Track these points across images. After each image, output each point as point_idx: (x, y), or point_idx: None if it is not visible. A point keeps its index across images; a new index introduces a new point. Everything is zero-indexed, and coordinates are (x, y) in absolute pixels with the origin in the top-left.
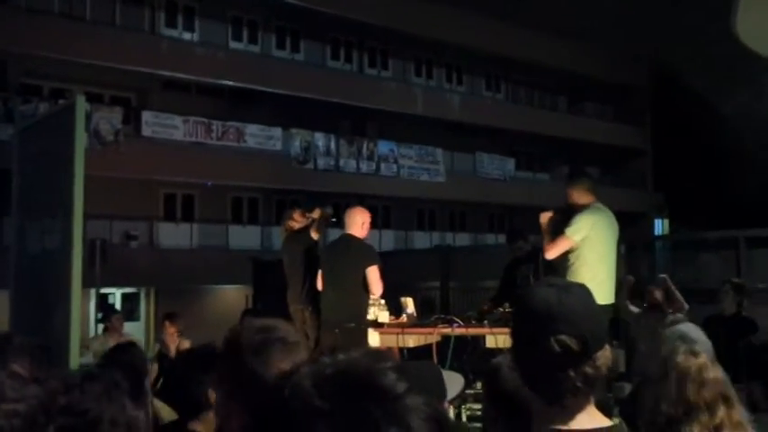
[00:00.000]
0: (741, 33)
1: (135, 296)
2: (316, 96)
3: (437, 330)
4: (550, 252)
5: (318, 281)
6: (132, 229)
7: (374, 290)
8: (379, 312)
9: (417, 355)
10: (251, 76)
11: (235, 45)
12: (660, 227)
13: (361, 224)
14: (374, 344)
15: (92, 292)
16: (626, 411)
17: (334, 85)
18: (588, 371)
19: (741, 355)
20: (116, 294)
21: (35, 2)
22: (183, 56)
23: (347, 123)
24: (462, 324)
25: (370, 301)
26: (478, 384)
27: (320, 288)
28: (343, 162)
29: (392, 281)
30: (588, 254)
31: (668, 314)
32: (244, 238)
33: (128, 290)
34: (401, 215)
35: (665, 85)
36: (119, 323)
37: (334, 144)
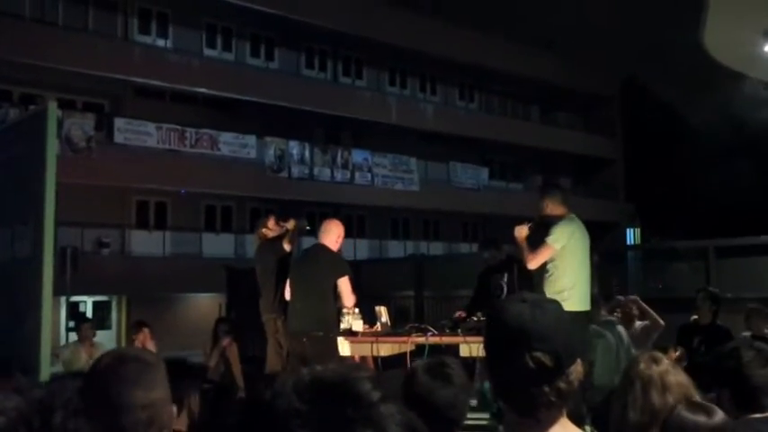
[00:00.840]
0: (708, 45)
1: (106, 304)
2: (290, 105)
3: (411, 339)
4: (533, 261)
5: (286, 290)
6: (104, 237)
7: (346, 301)
8: (353, 321)
9: (391, 364)
10: (225, 83)
11: (209, 52)
12: (632, 236)
13: (336, 237)
14: (344, 353)
15: (62, 299)
16: (598, 421)
17: (309, 93)
18: (561, 386)
19: (710, 363)
20: (87, 302)
21: (5, 6)
22: (157, 62)
23: (321, 132)
24: (436, 333)
25: (345, 310)
26: None
27: (288, 297)
28: (317, 170)
29: (367, 290)
30: (568, 262)
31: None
32: (217, 246)
33: (99, 298)
34: (375, 224)
35: (635, 95)
36: (89, 332)
37: (308, 152)
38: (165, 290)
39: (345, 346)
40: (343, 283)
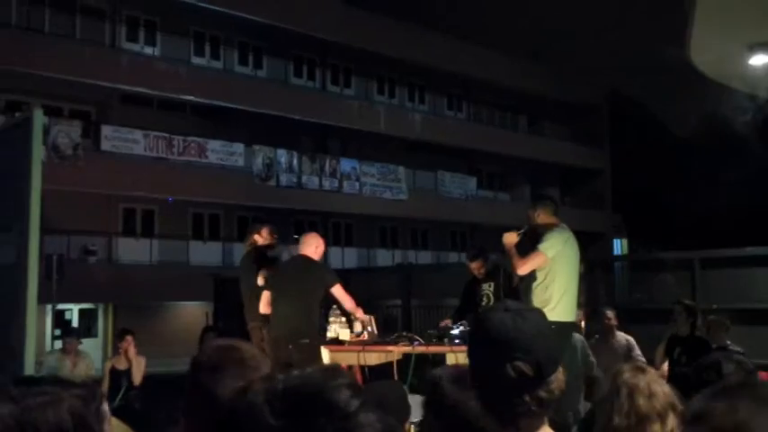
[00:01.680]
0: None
1: (93, 312)
2: (278, 113)
3: (398, 348)
4: (523, 267)
5: (263, 299)
6: (91, 244)
7: (347, 305)
8: (340, 330)
9: (378, 373)
10: (213, 91)
11: (197, 60)
12: (619, 247)
13: (315, 247)
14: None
15: (48, 307)
16: (584, 430)
17: (297, 101)
18: (542, 395)
19: (691, 374)
20: (74, 310)
21: None
22: (144, 70)
23: (309, 140)
24: (423, 342)
25: (331, 319)
26: None
27: (267, 308)
28: (305, 179)
29: (354, 299)
30: (559, 270)
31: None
32: (204, 254)
33: (86, 306)
34: (363, 233)
35: (622, 106)
36: (72, 347)
37: (296, 161)
38: (152, 298)
39: (333, 357)
40: (337, 290)
